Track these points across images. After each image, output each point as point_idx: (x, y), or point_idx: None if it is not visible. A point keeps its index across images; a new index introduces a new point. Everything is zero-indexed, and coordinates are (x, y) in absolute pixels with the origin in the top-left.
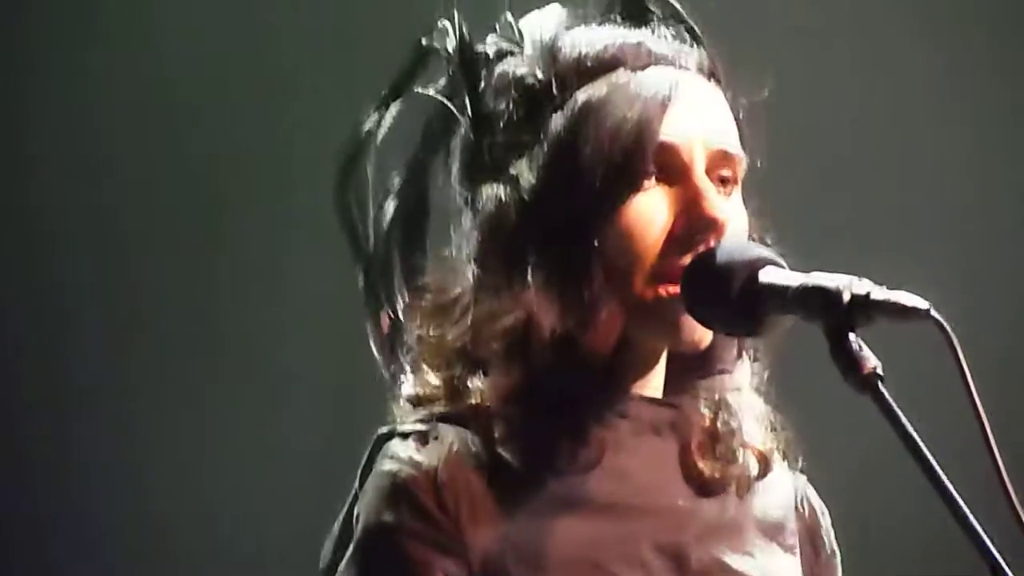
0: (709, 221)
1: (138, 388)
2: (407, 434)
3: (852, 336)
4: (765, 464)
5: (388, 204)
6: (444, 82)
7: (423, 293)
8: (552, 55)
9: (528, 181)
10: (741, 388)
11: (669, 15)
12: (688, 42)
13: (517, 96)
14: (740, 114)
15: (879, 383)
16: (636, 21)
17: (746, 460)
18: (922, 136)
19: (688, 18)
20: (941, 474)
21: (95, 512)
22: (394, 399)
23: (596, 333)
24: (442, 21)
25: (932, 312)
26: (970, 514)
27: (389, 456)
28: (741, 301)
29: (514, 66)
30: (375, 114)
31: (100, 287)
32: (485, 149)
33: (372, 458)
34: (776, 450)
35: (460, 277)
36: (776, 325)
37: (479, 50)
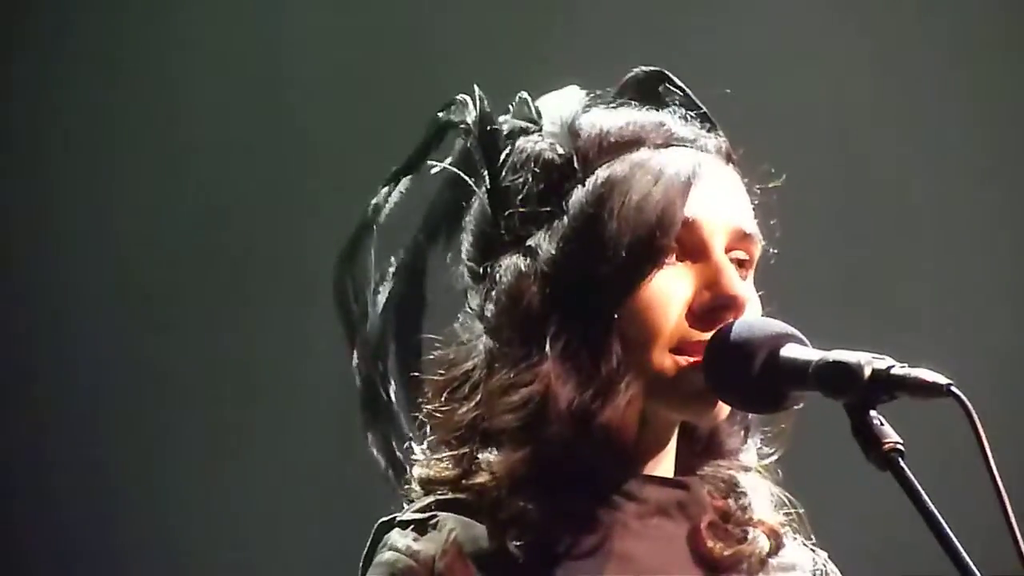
0: (730, 299)
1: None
2: (407, 523)
3: (873, 412)
4: (777, 540)
5: (384, 287)
6: (456, 157)
7: (421, 374)
8: (573, 132)
9: (548, 253)
10: (750, 468)
11: (682, 101)
12: (705, 126)
13: (537, 171)
14: (754, 200)
15: (900, 460)
16: (652, 105)
17: (757, 538)
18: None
19: (701, 104)
20: (962, 552)
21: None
22: (399, 484)
23: (615, 409)
24: (461, 96)
25: (953, 388)
26: None
27: (388, 547)
28: (762, 377)
29: (534, 142)
30: (383, 190)
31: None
32: (502, 223)
33: (373, 547)
34: (788, 527)
35: (471, 352)
36: (796, 402)
37: (499, 125)
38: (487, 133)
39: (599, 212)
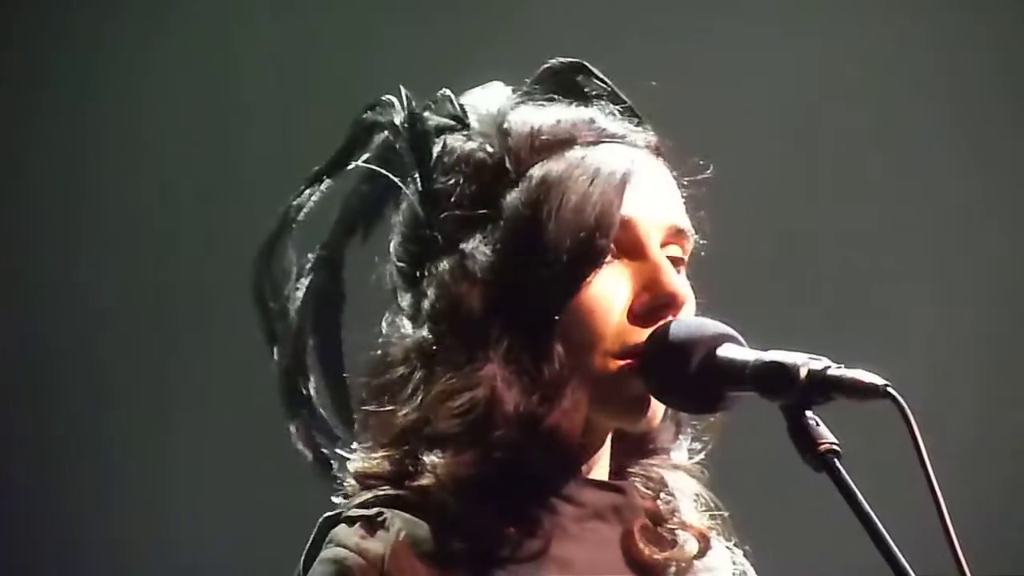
0: (670, 297)
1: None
2: (354, 519)
3: (809, 413)
4: (705, 543)
5: (302, 283)
6: (376, 154)
7: (343, 368)
8: (504, 131)
9: (485, 257)
10: (679, 467)
11: (606, 95)
12: (633, 121)
13: (469, 172)
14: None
15: (836, 460)
16: (578, 100)
17: (686, 542)
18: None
19: (626, 98)
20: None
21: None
22: (325, 477)
23: (561, 412)
24: (386, 96)
25: (889, 390)
26: None
27: (335, 543)
28: (699, 378)
29: (462, 141)
30: (305, 190)
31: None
32: (435, 225)
33: (317, 543)
34: (714, 529)
35: (407, 354)
36: (733, 402)
37: (428, 125)
38: (417, 134)
39: (536, 215)
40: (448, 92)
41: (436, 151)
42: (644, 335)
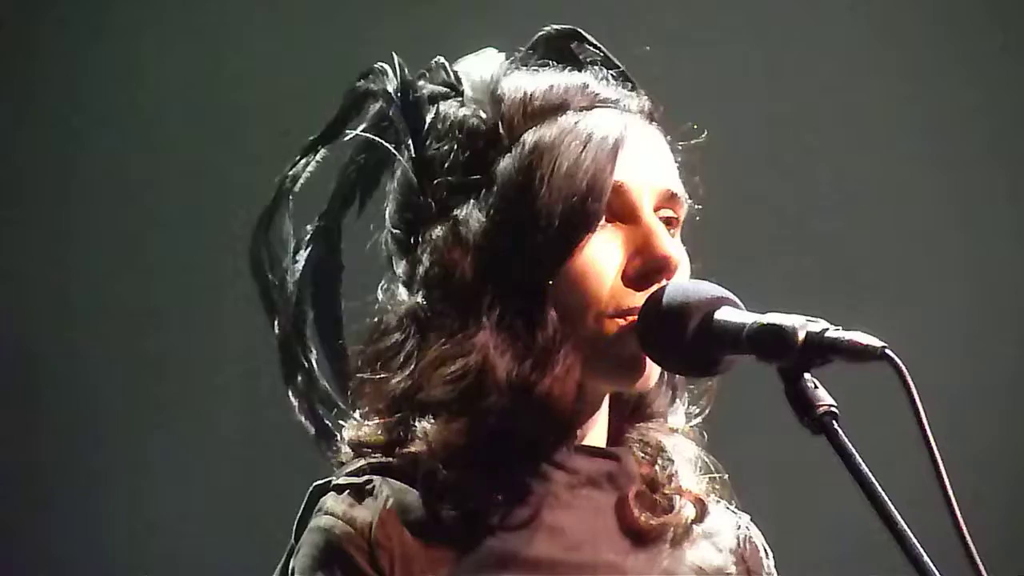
0: (663, 260)
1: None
2: (343, 487)
3: (807, 376)
4: (702, 508)
5: (300, 255)
6: (371, 123)
7: (343, 339)
8: (497, 98)
9: (478, 223)
10: (676, 431)
11: (600, 61)
12: (626, 86)
13: (462, 138)
14: (678, 158)
15: (834, 423)
16: (572, 66)
17: (683, 508)
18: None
19: (620, 64)
20: (896, 515)
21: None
22: (328, 449)
23: (554, 378)
24: (379, 64)
25: (887, 351)
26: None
27: (324, 511)
28: (696, 341)
29: (455, 108)
30: (300, 160)
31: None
32: (428, 192)
33: (307, 511)
34: (712, 492)
35: (401, 321)
36: (730, 365)
37: (421, 92)
38: (410, 101)
39: (529, 180)
40: (442, 59)
41: (429, 118)
42: (638, 298)
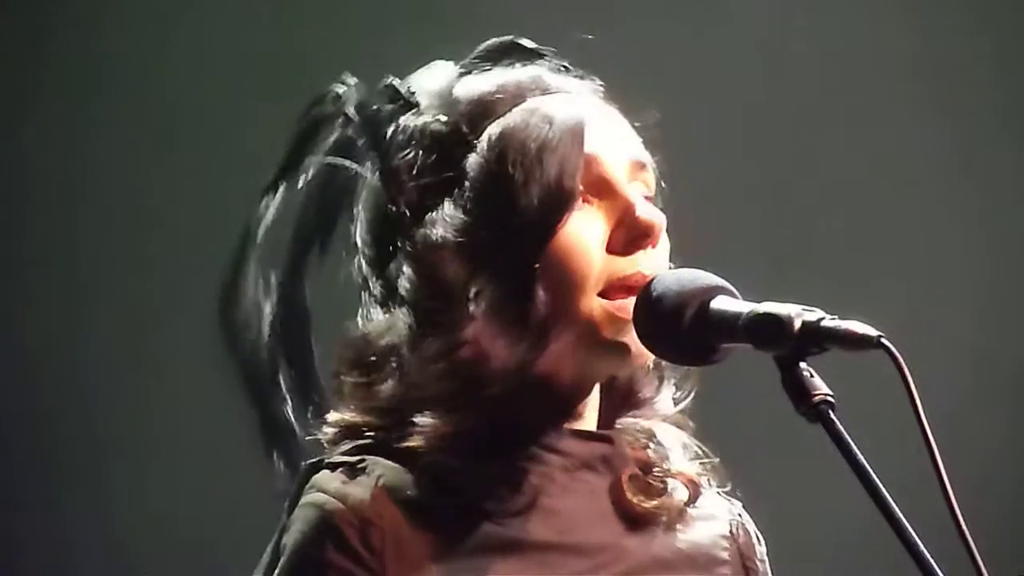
0: (647, 227)
1: None
2: (336, 465)
3: (803, 365)
4: (695, 490)
5: (266, 308)
6: (331, 151)
7: (320, 387)
8: (453, 100)
9: (456, 219)
10: (666, 417)
11: (539, 59)
12: (577, 75)
13: (426, 143)
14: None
15: (830, 412)
16: (517, 64)
17: (676, 489)
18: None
19: (559, 58)
20: (892, 504)
21: None
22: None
23: (550, 358)
24: (333, 88)
25: (883, 340)
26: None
27: (316, 488)
28: (693, 330)
29: (413, 119)
30: (263, 202)
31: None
32: (400, 200)
33: (299, 488)
34: (705, 476)
35: (388, 330)
36: (727, 354)
37: (379, 107)
38: (369, 116)
39: (501, 167)
40: (392, 78)
41: (390, 132)
42: (626, 264)
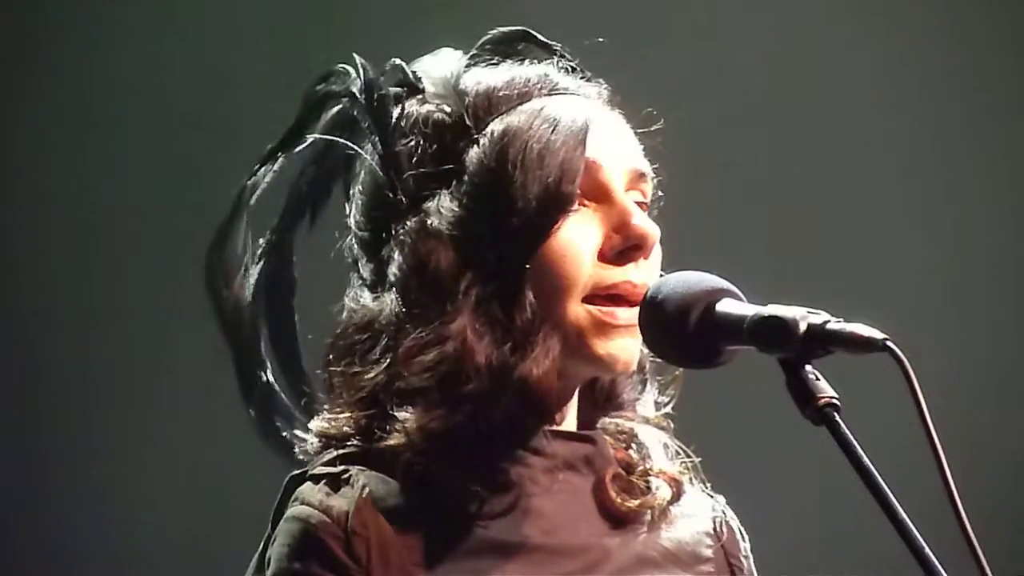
0: (641, 237)
1: None
2: (319, 477)
3: (808, 368)
4: (678, 488)
5: (252, 272)
6: (327, 128)
7: (298, 354)
8: (460, 91)
9: (451, 211)
10: (648, 418)
11: (551, 59)
12: (584, 76)
13: (428, 132)
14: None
15: (835, 414)
16: (526, 60)
17: (659, 488)
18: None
19: (568, 57)
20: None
21: None
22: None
23: (534, 362)
24: (340, 66)
25: (889, 343)
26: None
27: (300, 501)
28: (698, 333)
29: (417, 105)
30: (259, 170)
31: None
32: (398, 187)
33: (284, 501)
34: (687, 474)
35: (375, 317)
36: (732, 357)
37: (385, 90)
38: (375, 99)
39: (501, 166)
40: (398, 61)
41: (394, 117)
42: (616, 275)
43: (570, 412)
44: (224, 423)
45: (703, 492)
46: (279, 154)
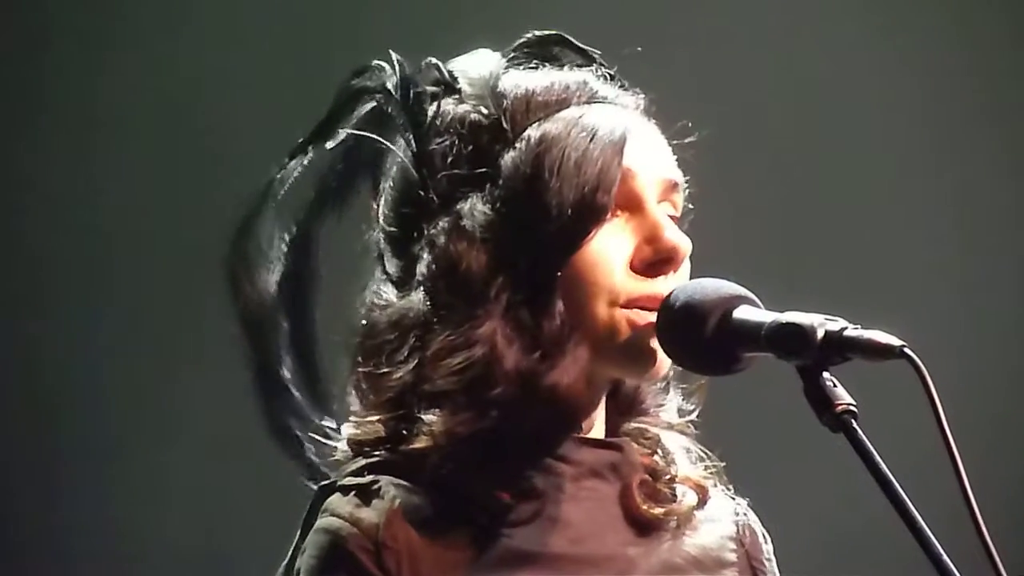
0: (672, 250)
1: None
2: (349, 488)
3: (826, 375)
4: (703, 494)
5: (276, 264)
6: (360, 124)
7: (317, 351)
8: (498, 94)
9: (484, 215)
10: (672, 424)
11: (583, 63)
12: (621, 85)
13: (464, 133)
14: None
15: (853, 421)
16: (564, 66)
17: (686, 495)
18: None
19: (608, 67)
20: (915, 512)
21: None
22: (305, 470)
23: (563, 370)
24: (376, 62)
25: (906, 350)
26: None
27: (330, 512)
28: (715, 340)
29: (454, 105)
30: (289, 162)
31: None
32: (431, 186)
33: (313, 512)
34: (711, 479)
35: (402, 317)
36: (749, 363)
37: (421, 87)
38: (410, 96)
39: (537, 173)
40: (433, 60)
41: (429, 115)
42: (646, 287)
43: (598, 419)
44: (234, 424)
45: (726, 495)
46: (310, 147)
